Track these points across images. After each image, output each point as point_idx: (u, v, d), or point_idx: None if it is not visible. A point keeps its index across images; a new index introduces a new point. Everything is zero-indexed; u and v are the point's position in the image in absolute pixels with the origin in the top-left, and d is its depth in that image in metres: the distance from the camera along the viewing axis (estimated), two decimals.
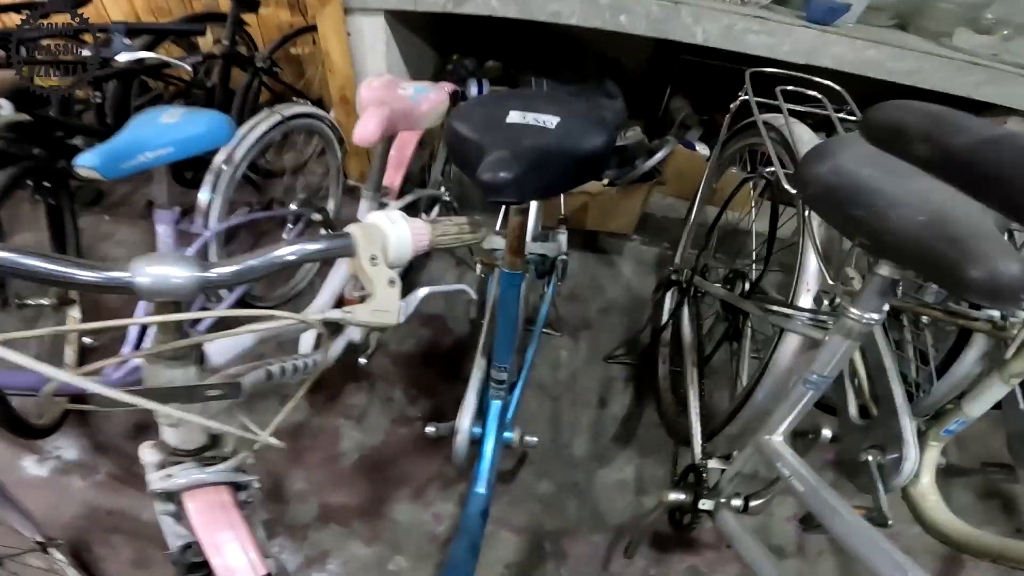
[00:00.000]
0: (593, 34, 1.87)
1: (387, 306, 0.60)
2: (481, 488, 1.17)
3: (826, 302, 0.93)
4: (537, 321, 1.41)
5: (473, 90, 2.25)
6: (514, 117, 0.79)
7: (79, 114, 1.89)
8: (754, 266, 1.38)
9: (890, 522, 0.89)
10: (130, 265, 0.48)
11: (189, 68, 1.54)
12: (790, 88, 1.20)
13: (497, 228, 1.15)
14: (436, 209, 1.90)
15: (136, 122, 1.19)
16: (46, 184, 1.40)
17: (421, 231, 0.63)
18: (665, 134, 2.13)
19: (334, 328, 1.54)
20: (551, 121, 0.78)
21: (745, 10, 1.71)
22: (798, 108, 1.14)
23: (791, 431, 0.95)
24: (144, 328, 1.36)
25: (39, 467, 1.54)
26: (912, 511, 1.01)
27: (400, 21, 2.05)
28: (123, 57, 1.30)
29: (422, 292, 0.66)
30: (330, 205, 2.07)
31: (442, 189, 1.85)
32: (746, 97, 1.19)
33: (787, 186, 0.89)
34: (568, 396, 1.82)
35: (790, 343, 0.97)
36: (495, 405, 1.22)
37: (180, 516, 0.72)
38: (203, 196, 1.42)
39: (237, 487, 0.71)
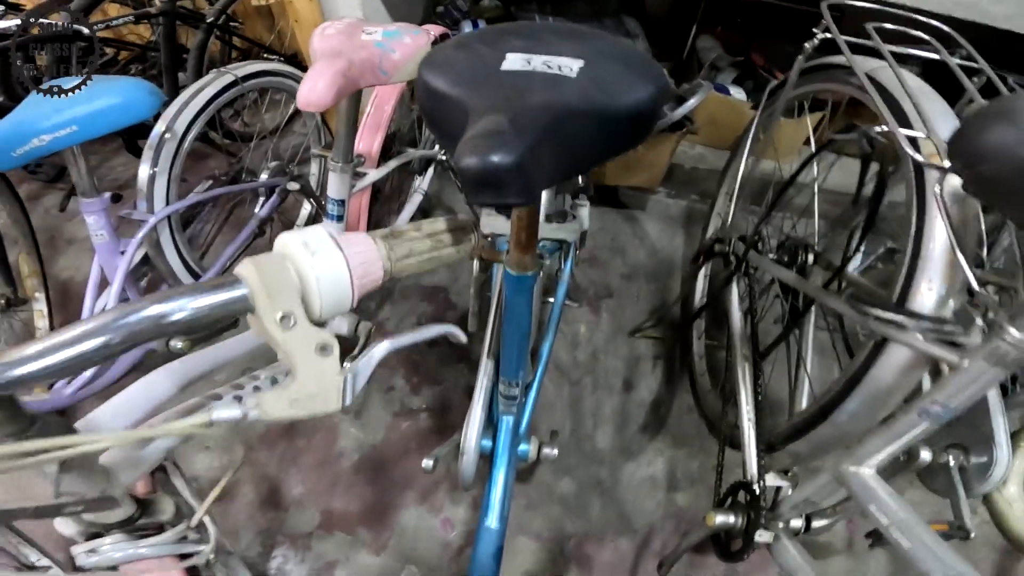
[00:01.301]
0: None
1: (318, 387, 0.37)
2: (493, 523, 0.95)
3: (950, 308, 0.67)
4: (553, 309, 1.17)
5: (467, 29, 1.96)
6: (513, 62, 0.53)
7: None
8: (816, 239, 1.13)
9: (972, 535, 0.75)
10: None
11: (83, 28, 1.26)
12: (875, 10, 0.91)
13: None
14: (430, 171, 1.64)
15: (30, 100, 0.97)
16: None
17: (369, 258, 0.39)
18: (693, 77, 1.85)
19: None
20: (571, 66, 0.51)
21: None
22: (897, 50, 0.84)
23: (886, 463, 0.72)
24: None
25: None
26: (995, 520, 0.84)
27: None
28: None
29: (379, 352, 0.42)
30: (312, 171, 1.82)
31: (437, 147, 1.59)
32: (826, 35, 0.90)
33: (912, 152, 0.62)
34: (589, 379, 1.63)
35: (897, 357, 0.72)
36: (506, 421, 1.00)
37: None
38: (142, 173, 1.18)
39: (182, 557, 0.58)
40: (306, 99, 0.83)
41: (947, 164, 0.59)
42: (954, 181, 0.66)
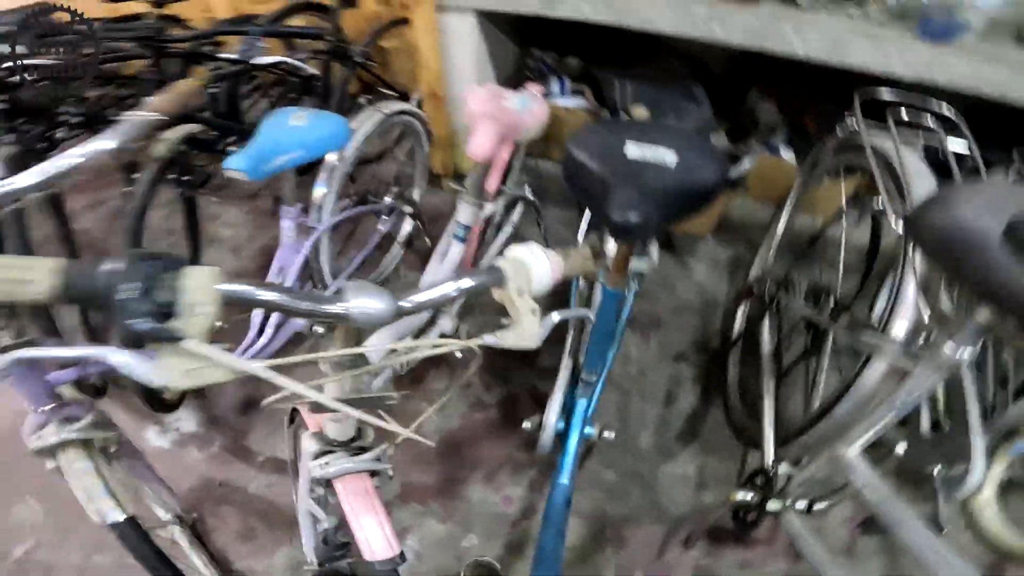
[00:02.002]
0: None
1: (529, 332, 0.70)
2: (565, 479, 1.27)
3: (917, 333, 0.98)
4: (620, 323, 1.49)
5: (555, 87, 2.32)
6: (632, 151, 0.87)
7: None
8: (840, 280, 1.43)
9: (944, 529, 0.95)
10: (345, 299, 0.58)
11: (312, 71, 1.65)
12: (896, 102, 1.21)
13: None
14: (519, 207, 1.98)
15: (268, 125, 1.28)
16: (185, 178, 1.54)
17: (557, 264, 0.72)
18: (748, 137, 2.14)
19: (429, 321, 1.67)
20: (670, 157, 0.84)
21: (854, 25, 1.69)
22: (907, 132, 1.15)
23: (867, 444, 1.01)
24: (264, 322, 1.51)
25: (161, 439, 1.72)
26: (968, 521, 1.06)
27: (488, 18, 2.12)
28: (261, 60, 1.41)
29: (555, 318, 0.75)
30: (415, 195, 2.18)
31: (525, 187, 1.93)
32: (854, 124, 1.22)
33: (894, 223, 0.93)
34: (637, 391, 1.90)
35: (878, 368, 1.03)
36: (581, 403, 1.32)
37: (327, 501, 0.85)
38: (318, 192, 1.54)
39: (373, 474, 0.84)
40: (475, 151, 1.19)
41: None
42: None
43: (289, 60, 1.50)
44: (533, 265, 0.69)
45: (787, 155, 2.24)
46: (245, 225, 2.44)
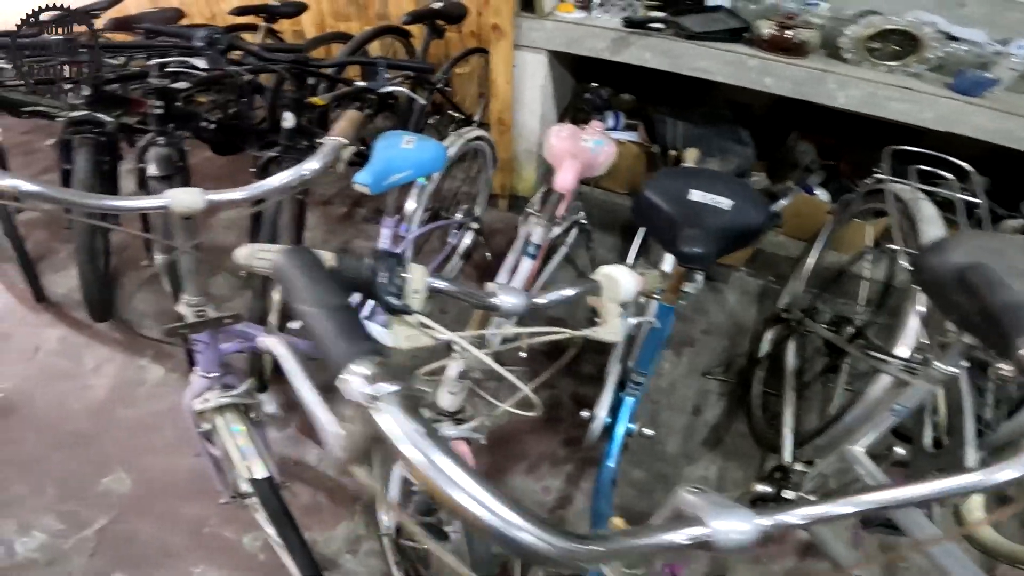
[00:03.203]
0: None
1: (615, 330, 0.94)
2: (611, 463, 1.51)
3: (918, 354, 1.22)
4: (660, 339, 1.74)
5: (610, 122, 2.57)
6: (695, 195, 1.12)
7: None
8: (860, 310, 1.66)
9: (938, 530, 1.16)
10: (497, 295, 0.82)
11: (423, 102, 1.92)
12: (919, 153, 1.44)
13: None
14: (575, 231, 2.23)
15: (382, 145, 1.52)
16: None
17: (638, 281, 0.97)
18: (786, 176, 2.35)
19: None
20: (725, 203, 1.10)
21: (891, 79, 1.88)
22: (927, 187, 1.40)
23: (871, 445, 1.24)
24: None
25: None
26: (958, 522, 1.28)
27: (555, 56, 2.39)
28: (385, 89, 1.67)
29: (632, 321, 0.99)
30: (476, 213, 2.45)
31: (580, 213, 2.18)
32: (882, 173, 1.45)
33: (904, 262, 1.17)
34: (666, 401, 2.12)
35: (883, 381, 1.28)
36: (629, 401, 1.56)
37: None
38: (410, 206, 1.81)
39: (468, 443, 1.04)
40: (561, 185, 1.44)
41: None
42: None
43: (404, 90, 1.76)
44: (622, 280, 0.92)
45: (821, 195, 2.44)
46: (320, 227, 2.73)
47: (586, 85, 2.77)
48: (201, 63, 1.41)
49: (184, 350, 1.99)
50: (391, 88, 1.70)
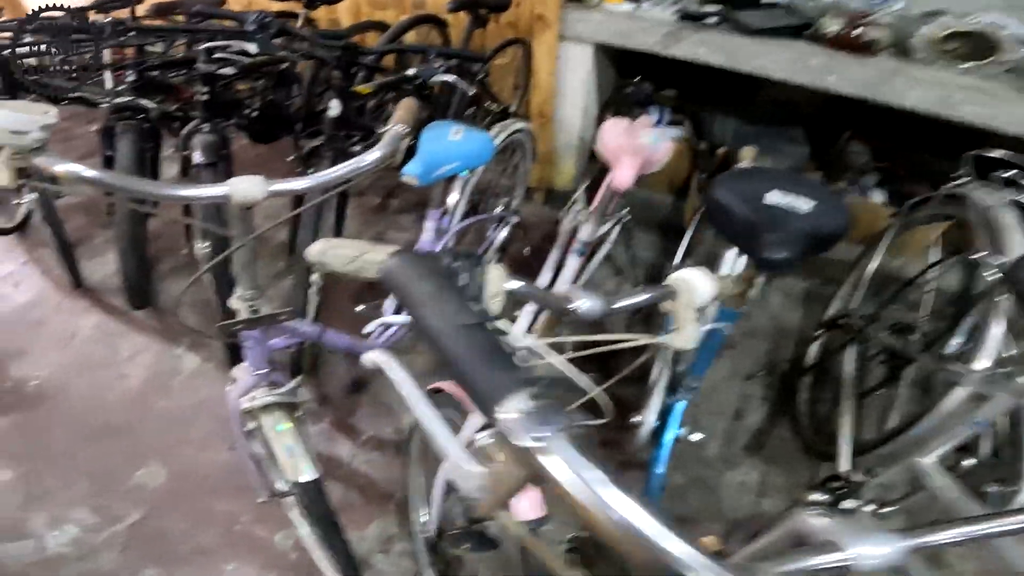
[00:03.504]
0: None
1: (691, 337, 0.89)
2: (660, 469, 1.47)
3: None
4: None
5: (655, 118, 2.49)
6: (773, 197, 1.06)
7: None
8: (921, 319, 1.60)
9: None
10: (578, 299, 0.77)
11: (472, 91, 1.89)
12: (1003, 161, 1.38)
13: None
14: (617, 228, 2.18)
15: (429, 136, 1.46)
16: None
17: (714, 286, 0.91)
18: (840, 177, 2.27)
19: None
20: (806, 205, 1.03)
21: (966, 81, 1.82)
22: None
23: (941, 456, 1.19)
24: None
25: None
26: None
27: (600, 49, 2.32)
28: (436, 78, 1.62)
29: (705, 327, 0.94)
30: (513, 206, 2.40)
31: (625, 210, 2.12)
32: (963, 178, 1.38)
33: (989, 272, 1.11)
34: (707, 404, 2.06)
35: (960, 393, 1.22)
36: (679, 406, 1.51)
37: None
38: (452, 199, 1.76)
39: None
40: (621, 184, 1.39)
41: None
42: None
43: (455, 79, 1.71)
44: (699, 285, 0.88)
45: (876, 197, 2.36)
46: (354, 218, 2.70)
47: (626, 79, 2.71)
48: (250, 48, 1.37)
49: (225, 343, 1.96)
50: (443, 77, 1.65)
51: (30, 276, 2.39)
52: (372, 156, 0.93)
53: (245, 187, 0.82)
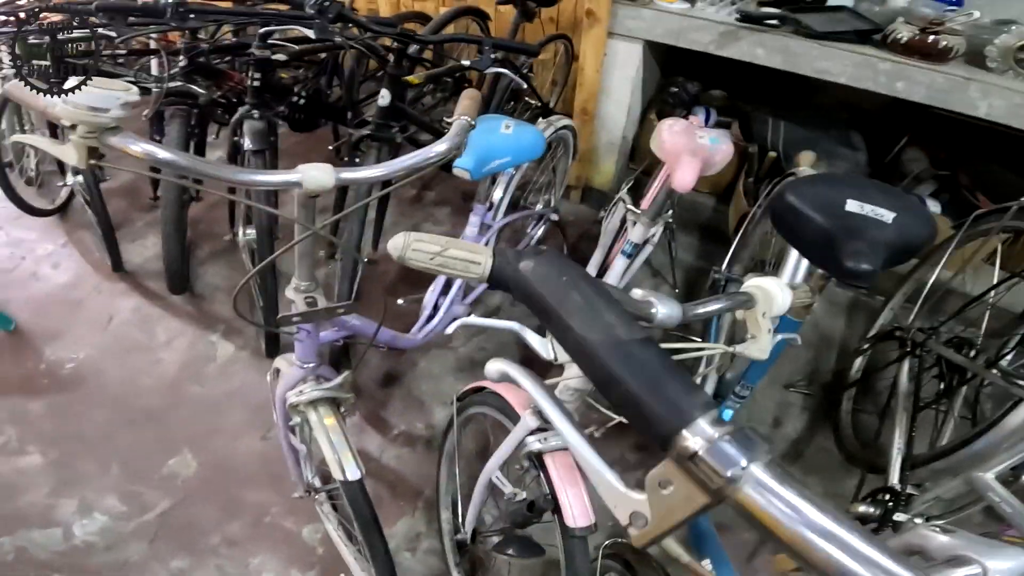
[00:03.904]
0: None
1: (765, 346, 0.85)
2: None
3: None
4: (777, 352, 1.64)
5: (701, 118, 2.44)
6: (853, 206, 1.01)
7: None
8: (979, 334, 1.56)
9: None
10: (657, 305, 0.73)
11: (525, 85, 1.86)
12: None
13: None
14: (660, 229, 2.13)
15: (480, 130, 1.43)
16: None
17: (791, 295, 0.87)
18: (894, 185, 2.18)
19: None
20: (887, 215, 0.98)
21: None
22: None
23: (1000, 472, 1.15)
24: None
25: None
26: None
27: (648, 47, 2.27)
28: (491, 69, 1.59)
29: (778, 337, 0.89)
30: (552, 204, 2.36)
31: (670, 212, 2.08)
32: None
33: None
34: (745, 412, 2.01)
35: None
36: (727, 414, 1.47)
37: (528, 471, 1.01)
38: (497, 194, 1.74)
39: None
40: (681, 184, 1.35)
41: None
42: None
43: (504, 71, 1.67)
44: (776, 294, 0.83)
45: (933, 207, 2.29)
46: (391, 211, 2.66)
47: (671, 78, 2.65)
48: (309, 33, 1.34)
49: (265, 332, 1.95)
50: (497, 69, 1.61)
51: (69, 257, 2.40)
52: (440, 147, 0.90)
53: (315, 174, 0.79)
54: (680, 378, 0.43)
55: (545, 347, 0.73)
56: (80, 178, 2.14)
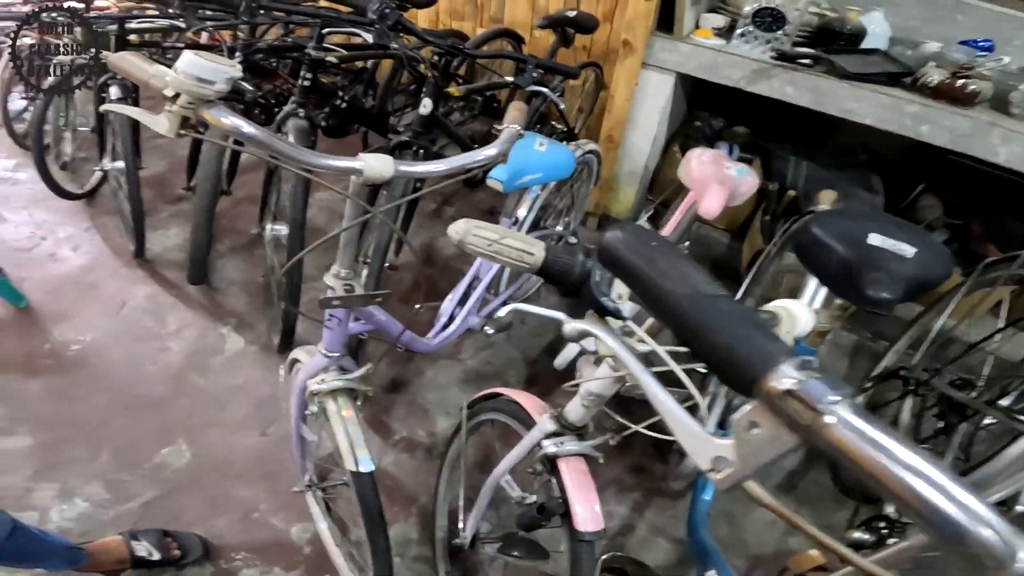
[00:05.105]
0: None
1: None
2: (708, 496, 1.46)
3: None
4: None
5: (724, 152, 2.52)
6: (875, 240, 1.07)
7: None
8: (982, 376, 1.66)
9: None
10: None
11: (559, 101, 1.93)
12: None
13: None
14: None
15: (516, 145, 1.48)
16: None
17: (813, 318, 0.92)
18: None
19: None
20: (908, 250, 1.05)
21: None
22: None
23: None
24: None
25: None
26: None
27: (679, 79, 2.35)
28: (531, 88, 1.66)
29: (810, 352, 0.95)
30: (571, 225, 2.42)
31: (686, 243, 2.14)
32: None
33: None
34: None
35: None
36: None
37: (541, 474, 1.04)
38: (522, 212, 1.80)
39: (587, 459, 1.02)
40: (708, 211, 1.41)
41: None
42: None
43: (544, 90, 1.75)
44: (800, 315, 0.88)
45: None
46: (421, 213, 2.76)
47: (695, 112, 2.73)
48: (368, 37, 1.40)
49: (282, 327, 1.98)
50: (537, 88, 1.69)
51: (90, 241, 2.46)
52: (489, 151, 0.97)
53: (375, 163, 0.85)
54: (764, 329, 0.47)
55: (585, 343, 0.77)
56: (119, 163, 2.19)
